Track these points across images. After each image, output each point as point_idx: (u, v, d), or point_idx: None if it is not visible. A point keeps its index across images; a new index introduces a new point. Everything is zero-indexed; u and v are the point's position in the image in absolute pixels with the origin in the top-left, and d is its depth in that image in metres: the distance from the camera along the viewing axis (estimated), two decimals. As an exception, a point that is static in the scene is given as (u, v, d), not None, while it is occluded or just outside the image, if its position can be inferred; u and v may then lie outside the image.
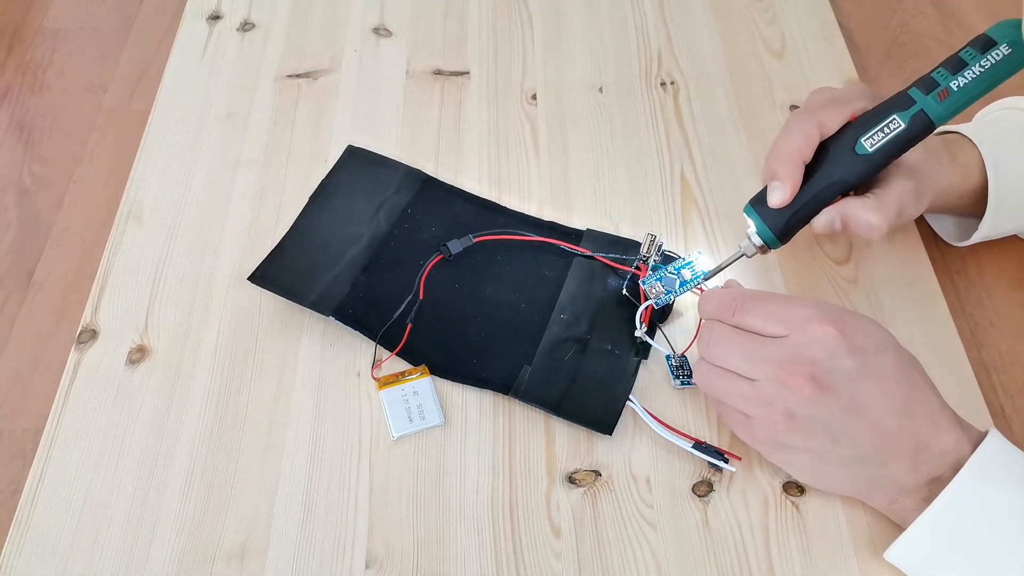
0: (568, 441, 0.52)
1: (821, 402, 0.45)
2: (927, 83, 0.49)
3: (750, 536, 0.49)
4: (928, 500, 0.45)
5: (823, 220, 0.51)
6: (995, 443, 0.45)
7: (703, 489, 0.51)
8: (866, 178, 0.51)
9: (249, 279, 0.57)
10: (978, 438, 0.46)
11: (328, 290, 0.57)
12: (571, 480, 0.51)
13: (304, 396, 0.54)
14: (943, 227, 0.62)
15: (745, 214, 0.53)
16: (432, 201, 0.63)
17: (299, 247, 0.59)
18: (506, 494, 0.50)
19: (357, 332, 0.56)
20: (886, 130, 0.50)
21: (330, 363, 0.56)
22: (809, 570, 0.48)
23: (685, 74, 0.72)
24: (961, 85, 0.48)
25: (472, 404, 0.54)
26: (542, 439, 0.53)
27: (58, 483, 0.51)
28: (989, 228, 0.57)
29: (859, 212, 0.51)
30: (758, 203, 0.52)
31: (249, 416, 0.54)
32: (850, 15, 0.77)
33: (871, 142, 0.50)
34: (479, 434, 0.53)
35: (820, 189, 0.51)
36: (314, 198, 0.62)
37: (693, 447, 0.51)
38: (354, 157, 0.65)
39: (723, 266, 0.55)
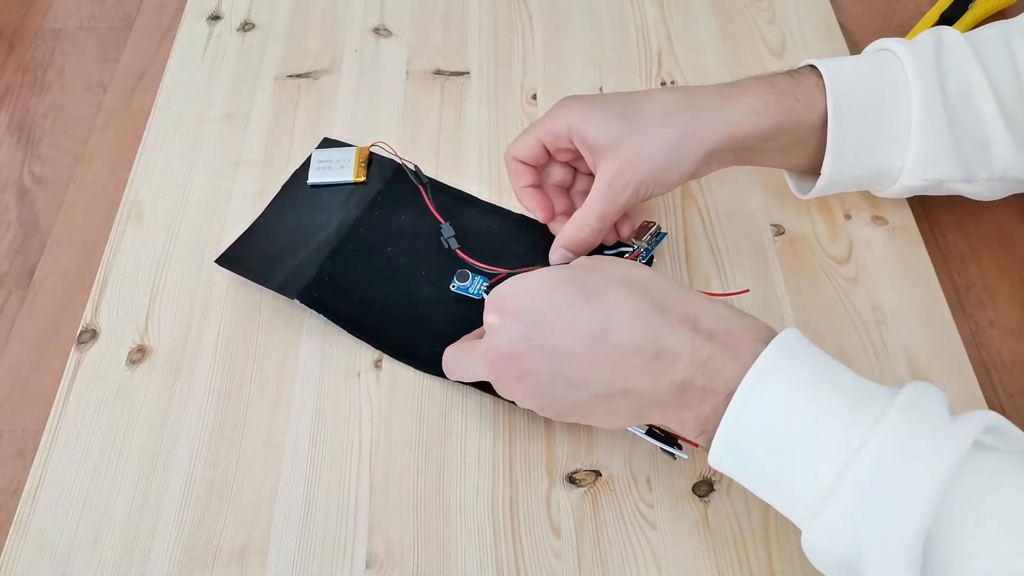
0: (568, 441, 0.52)
1: (527, 375, 0.45)
2: None
3: (750, 536, 0.49)
4: (689, 406, 0.42)
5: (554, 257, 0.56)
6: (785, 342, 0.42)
7: (703, 489, 0.51)
8: None
9: (216, 261, 0.58)
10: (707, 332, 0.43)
11: (294, 273, 0.57)
12: (571, 480, 0.51)
13: (304, 396, 0.54)
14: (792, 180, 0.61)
15: None
16: (402, 190, 0.63)
17: (268, 232, 0.60)
18: (506, 494, 0.50)
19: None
20: None
21: (330, 363, 0.56)
22: (810, 570, 0.48)
23: (685, 74, 0.72)
24: None
25: (472, 404, 0.54)
26: (542, 439, 0.53)
27: (58, 483, 0.51)
28: (831, 171, 0.55)
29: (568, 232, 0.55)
30: None
31: (249, 416, 0.54)
32: (850, 15, 0.77)
33: None
34: (479, 434, 0.53)
35: None
36: (285, 188, 0.63)
37: (646, 433, 0.48)
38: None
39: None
